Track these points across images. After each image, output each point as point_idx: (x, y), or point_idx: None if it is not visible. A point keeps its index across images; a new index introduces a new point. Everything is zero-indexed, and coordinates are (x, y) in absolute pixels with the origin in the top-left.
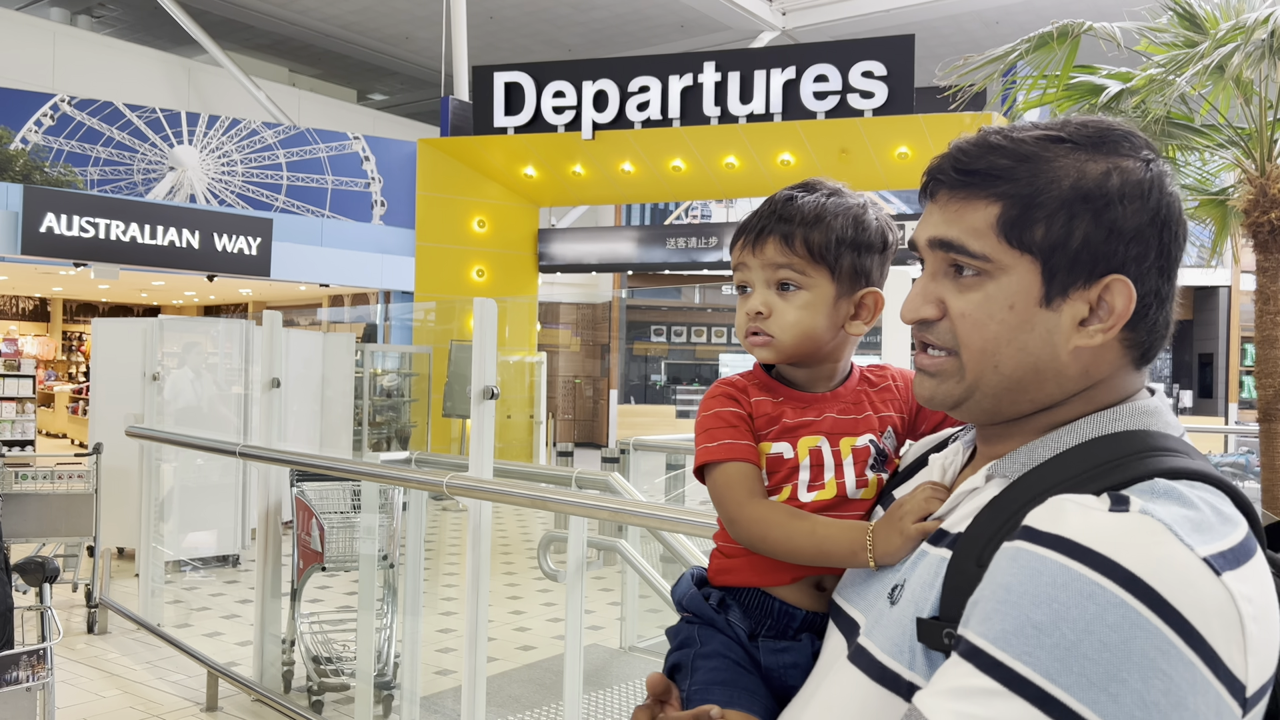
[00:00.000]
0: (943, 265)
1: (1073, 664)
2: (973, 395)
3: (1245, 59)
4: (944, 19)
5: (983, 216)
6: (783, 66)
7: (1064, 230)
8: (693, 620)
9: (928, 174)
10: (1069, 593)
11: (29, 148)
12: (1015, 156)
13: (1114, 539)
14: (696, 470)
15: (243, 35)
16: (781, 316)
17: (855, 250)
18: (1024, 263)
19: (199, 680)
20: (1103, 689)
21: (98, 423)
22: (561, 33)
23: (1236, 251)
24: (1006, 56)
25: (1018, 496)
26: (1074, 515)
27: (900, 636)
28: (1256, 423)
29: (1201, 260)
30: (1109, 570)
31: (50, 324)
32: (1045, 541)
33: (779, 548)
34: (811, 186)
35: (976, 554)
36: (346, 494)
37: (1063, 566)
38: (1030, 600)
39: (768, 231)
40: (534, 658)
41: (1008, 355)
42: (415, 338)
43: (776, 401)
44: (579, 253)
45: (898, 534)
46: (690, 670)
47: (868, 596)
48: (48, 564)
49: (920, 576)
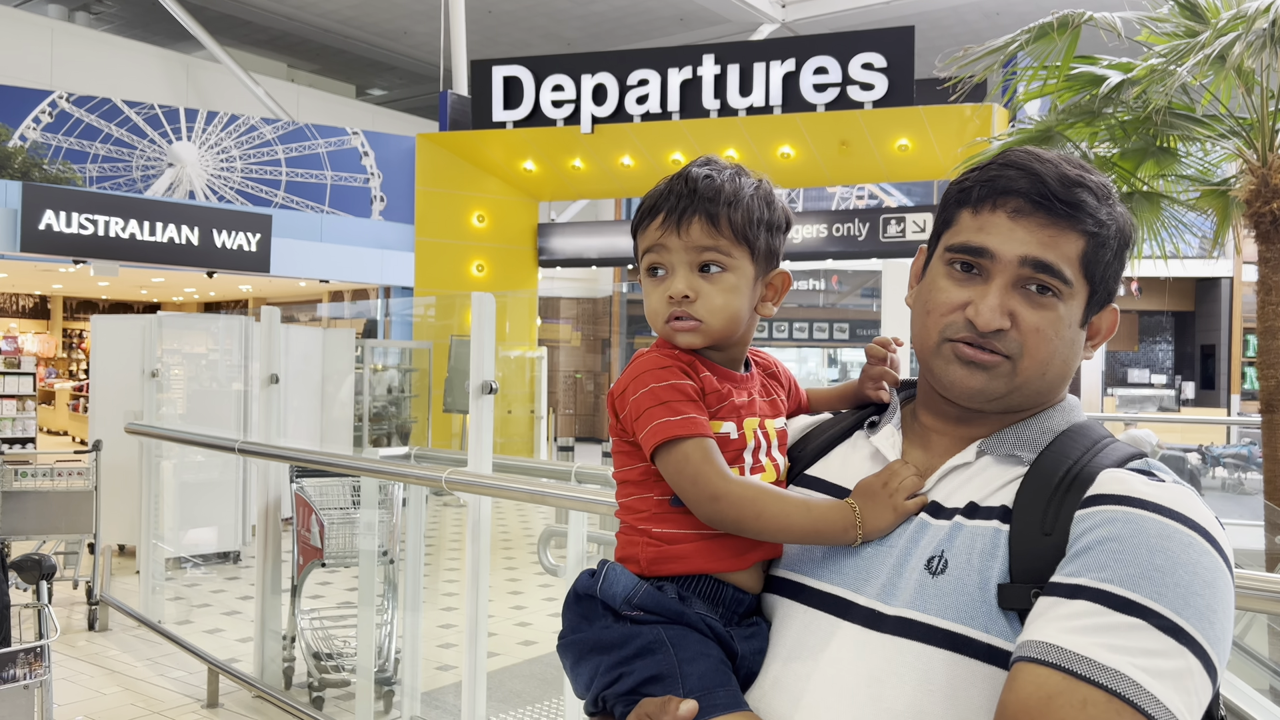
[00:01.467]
0: (1022, 280)
1: (1190, 599)
2: (1013, 393)
3: (1246, 48)
4: (944, 10)
5: (1074, 248)
6: (782, 59)
7: (1111, 267)
8: (648, 620)
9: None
10: (1174, 543)
11: (27, 145)
12: (1099, 197)
13: (1180, 501)
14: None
15: (241, 31)
16: (709, 300)
17: (769, 230)
18: (1084, 291)
19: (200, 677)
20: (1206, 619)
21: (98, 420)
22: (560, 26)
23: (1238, 242)
24: (1007, 47)
25: (1049, 472)
26: (1139, 484)
27: (966, 603)
28: (1259, 414)
29: (1203, 251)
30: (1190, 525)
31: (50, 321)
32: (1133, 503)
33: (772, 525)
34: (717, 164)
35: (1038, 522)
36: (346, 490)
37: (1160, 522)
38: (1147, 549)
39: (691, 211)
40: (535, 653)
41: (1054, 366)
42: (415, 333)
43: (719, 379)
44: (579, 247)
45: (889, 510)
46: (680, 678)
47: (847, 571)
48: (45, 561)
49: (968, 547)
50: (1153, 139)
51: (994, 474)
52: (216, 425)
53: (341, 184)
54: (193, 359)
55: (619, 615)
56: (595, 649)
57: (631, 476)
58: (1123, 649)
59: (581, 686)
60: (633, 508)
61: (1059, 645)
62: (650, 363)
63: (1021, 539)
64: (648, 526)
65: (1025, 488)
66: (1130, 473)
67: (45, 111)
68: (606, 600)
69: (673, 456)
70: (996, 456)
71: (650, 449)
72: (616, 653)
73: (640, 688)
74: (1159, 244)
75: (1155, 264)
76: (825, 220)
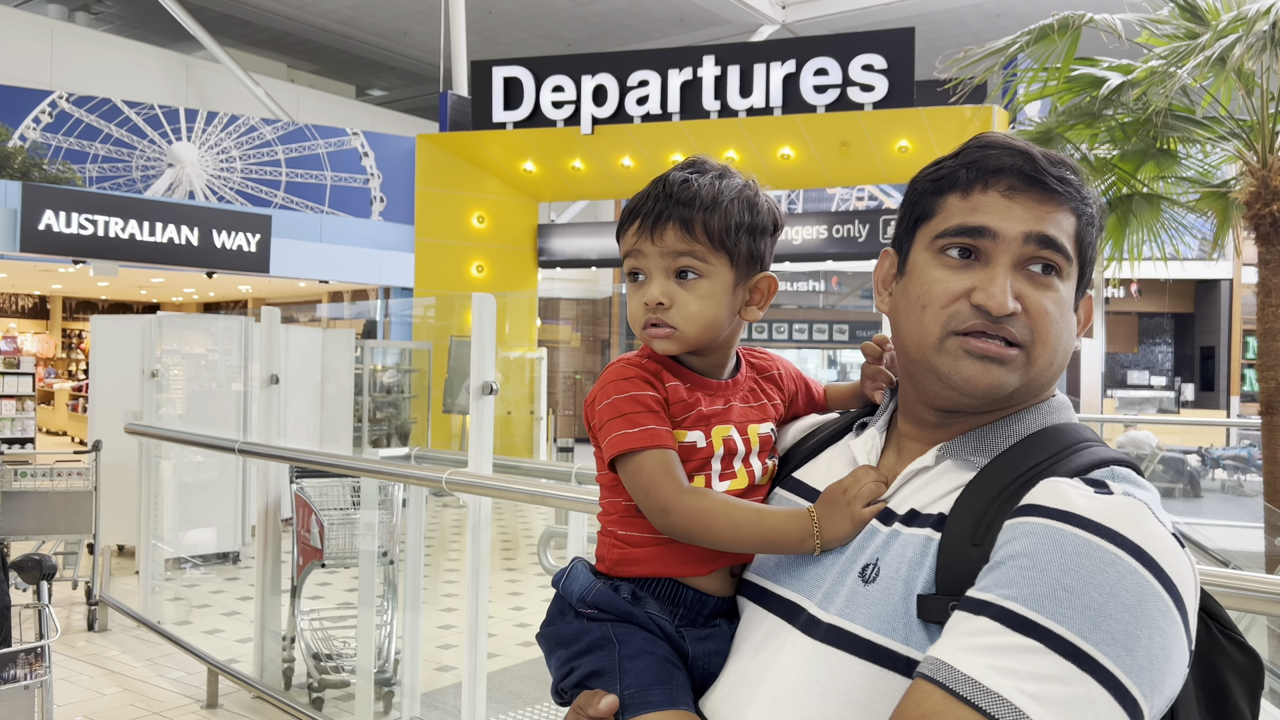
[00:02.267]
0: (1025, 259)
1: (1101, 623)
2: (1025, 386)
3: (1247, 51)
4: (944, 12)
5: (1069, 224)
6: (783, 60)
7: (1094, 248)
8: (599, 617)
9: (1008, 170)
10: (1092, 561)
11: (27, 145)
12: (1078, 175)
13: (1115, 516)
14: (610, 456)
15: (241, 31)
16: (684, 306)
17: (751, 234)
18: (1075, 271)
19: (199, 677)
20: (1122, 645)
21: (97, 420)
22: (560, 27)
23: (1238, 244)
24: (1007, 49)
25: (996, 480)
26: (1074, 495)
27: (889, 613)
28: (1258, 416)
29: (1203, 253)
30: (1120, 542)
31: (49, 321)
32: (1059, 516)
33: (722, 537)
34: (700, 167)
35: (969, 532)
36: (346, 490)
37: (1082, 538)
38: (1058, 567)
39: (666, 217)
40: (535, 653)
41: (1060, 353)
42: (415, 334)
43: (688, 388)
44: (579, 248)
45: (847, 518)
46: (619, 674)
47: (807, 578)
48: (45, 561)
49: (899, 555)
50: (1153, 141)
51: (948, 480)
52: (215, 426)
53: (341, 184)
54: (192, 359)
55: (578, 613)
56: (558, 642)
57: (604, 481)
58: (1012, 672)
59: (551, 675)
60: (605, 509)
61: (949, 663)
62: (615, 373)
63: (950, 549)
64: (614, 529)
65: (964, 496)
66: (1073, 483)
67: (45, 111)
68: (566, 597)
69: (628, 468)
70: (956, 460)
71: (608, 459)
72: (572, 647)
73: (585, 681)
74: (1159, 245)
75: (1155, 266)
76: (825, 221)
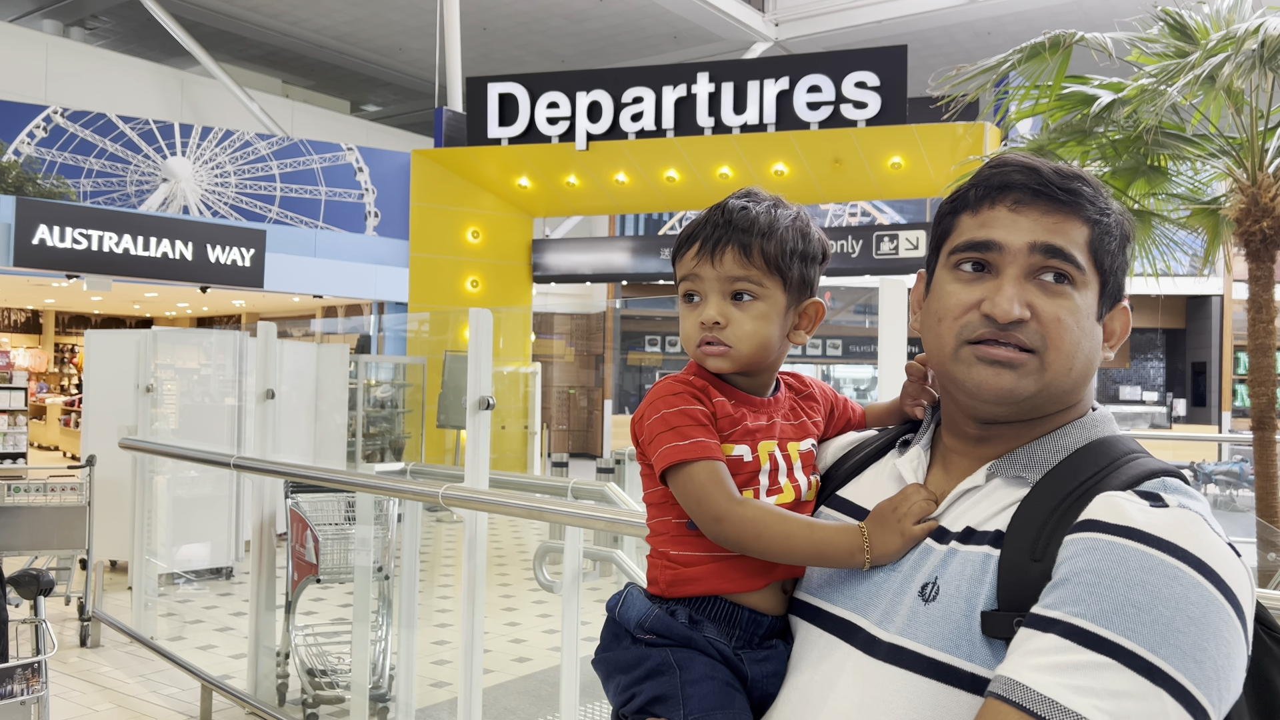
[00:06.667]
0: (1035, 269)
1: (1170, 637)
2: (1042, 392)
3: (1236, 69)
4: (936, 29)
5: (1080, 234)
6: (776, 77)
7: (1116, 258)
8: (658, 643)
9: (1015, 186)
10: (1157, 576)
11: (21, 159)
12: (1093, 187)
13: (1174, 529)
14: (661, 469)
15: (236, 47)
16: (739, 326)
17: (803, 261)
18: (1095, 281)
19: (193, 693)
20: (1191, 657)
21: (90, 435)
22: (555, 44)
23: (1229, 260)
24: (999, 67)
25: (1050, 495)
26: (1132, 510)
27: (952, 631)
28: (1250, 431)
29: (1194, 269)
30: (1181, 555)
31: (42, 336)
32: (1120, 532)
33: (773, 547)
34: (756, 197)
35: (1028, 548)
36: (341, 505)
37: (1145, 553)
38: (1124, 582)
39: (725, 241)
40: (530, 669)
41: (1079, 360)
42: (409, 349)
43: (734, 404)
44: (573, 263)
45: (898, 535)
46: (682, 700)
47: (860, 596)
48: (42, 576)
49: (959, 572)
50: (1143, 158)
51: (999, 497)
52: (209, 440)
53: (336, 199)
54: (185, 374)
55: (635, 638)
56: (616, 668)
57: (654, 499)
58: (1089, 689)
59: (610, 701)
60: (655, 530)
61: (1024, 683)
62: (664, 389)
63: (1010, 565)
64: (666, 549)
65: (1021, 511)
66: (1128, 497)
67: (40, 126)
68: (623, 623)
69: (680, 479)
70: (1005, 478)
71: (660, 471)
72: (632, 673)
73: (648, 707)
74: (1150, 262)
75: (1146, 281)
76: None
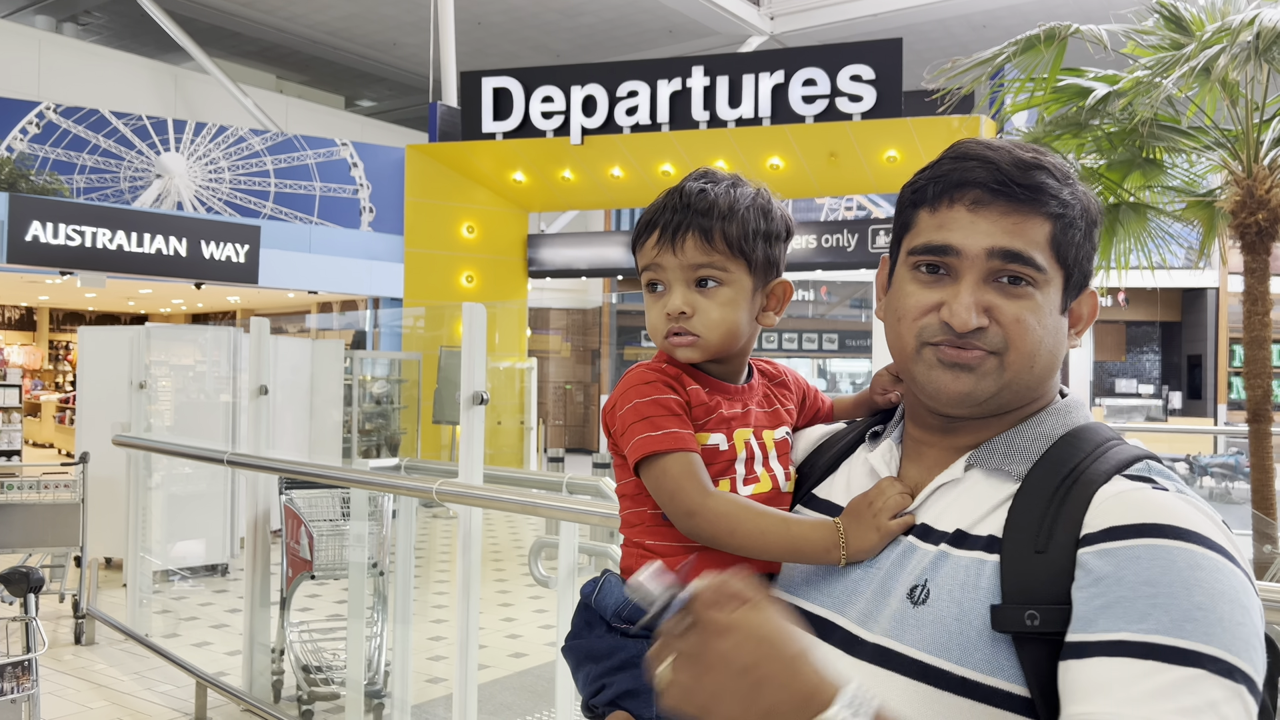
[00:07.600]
0: (993, 272)
1: (1236, 630)
2: (1003, 390)
3: (1231, 61)
4: (931, 23)
5: (1041, 232)
6: (771, 71)
7: (1082, 248)
8: (635, 633)
9: (973, 184)
10: (1204, 572)
11: (14, 156)
12: (1058, 178)
13: (1188, 518)
14: (634, 460)
15: (230, 42)
16: (706, 315)
17: (767, 241)
18: (1058, 276)
19: (187, 690)
20: (1250, 645)
21: (85, 432)
22: (549, 38)
23: (1224, 253)
24: (994, 59)
25: (1042, 487)
26: (1149, 507)
27: (943, 635)
28: (1246, 423)
29: (1190, 262)
30: (1209, 544)
31: (36, 333)
32: (1150, 532)
33: (748, 543)
34: (713, 177)
35: (1030, 542)
36: (336, 502)
37: (1187, 550)
38: (1182, 586)
39: (685, 227)
40: (525, 665)
41: (1041, 357)
42: (404, 344)
43: (708, 391)
44: (569, 258)
45: (874, 530)
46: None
47: (835, 593)
48: (33, 574)
49: (950, 577)
50: (1139, 150)
51: (983, 491)
52: (204, 437)
53: (330, 195)
54: (180, 370)
55: (610, 627)
56: (589, 656)
57: (628, 490)
58: (1193, 709)
59: (579, 690)
60: (629, 520)
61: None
62: (636, 378)
63: (1014, 560)
64: (641, 539)
65: (1016, 508)
66: (1133, 487)
67: (32, 122)
68: (599, 611)
69: (654, 471)
70: (986, 470)
71: (633, 463)
72: (604, 663)
73: (618, 700)
74: (1146, 254)
75: (1142, 274)
76: (814, 231)
